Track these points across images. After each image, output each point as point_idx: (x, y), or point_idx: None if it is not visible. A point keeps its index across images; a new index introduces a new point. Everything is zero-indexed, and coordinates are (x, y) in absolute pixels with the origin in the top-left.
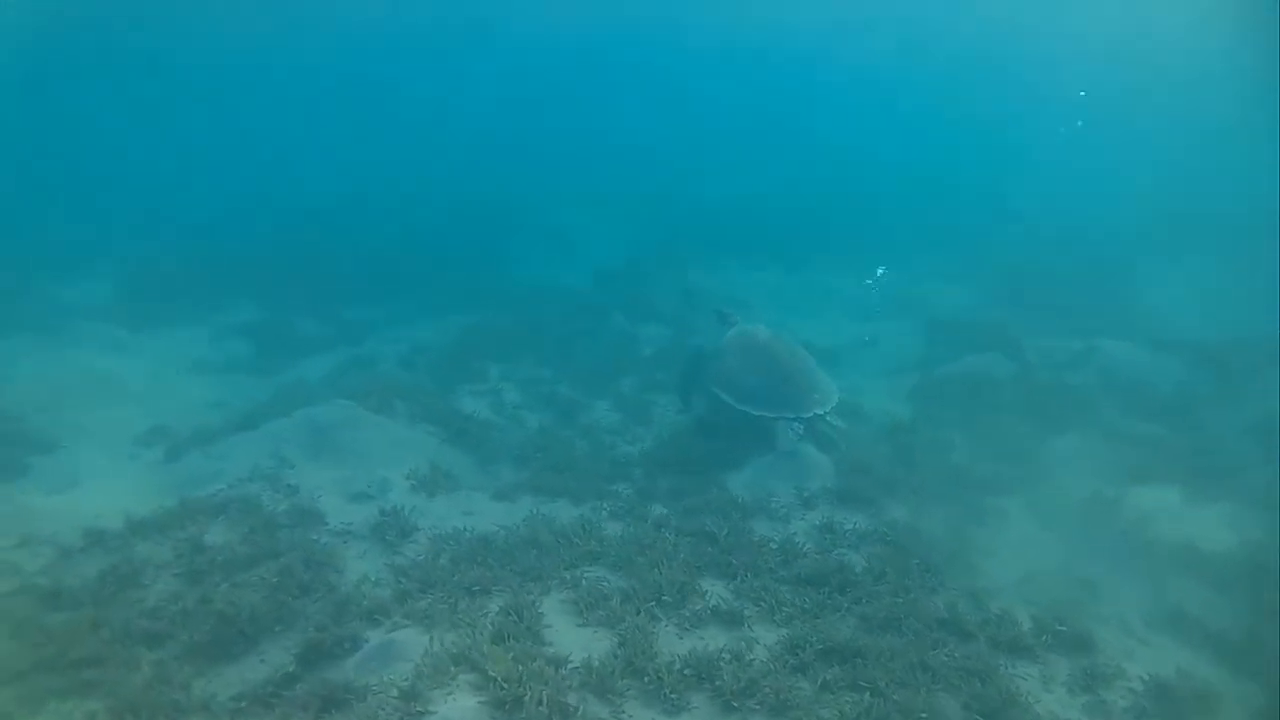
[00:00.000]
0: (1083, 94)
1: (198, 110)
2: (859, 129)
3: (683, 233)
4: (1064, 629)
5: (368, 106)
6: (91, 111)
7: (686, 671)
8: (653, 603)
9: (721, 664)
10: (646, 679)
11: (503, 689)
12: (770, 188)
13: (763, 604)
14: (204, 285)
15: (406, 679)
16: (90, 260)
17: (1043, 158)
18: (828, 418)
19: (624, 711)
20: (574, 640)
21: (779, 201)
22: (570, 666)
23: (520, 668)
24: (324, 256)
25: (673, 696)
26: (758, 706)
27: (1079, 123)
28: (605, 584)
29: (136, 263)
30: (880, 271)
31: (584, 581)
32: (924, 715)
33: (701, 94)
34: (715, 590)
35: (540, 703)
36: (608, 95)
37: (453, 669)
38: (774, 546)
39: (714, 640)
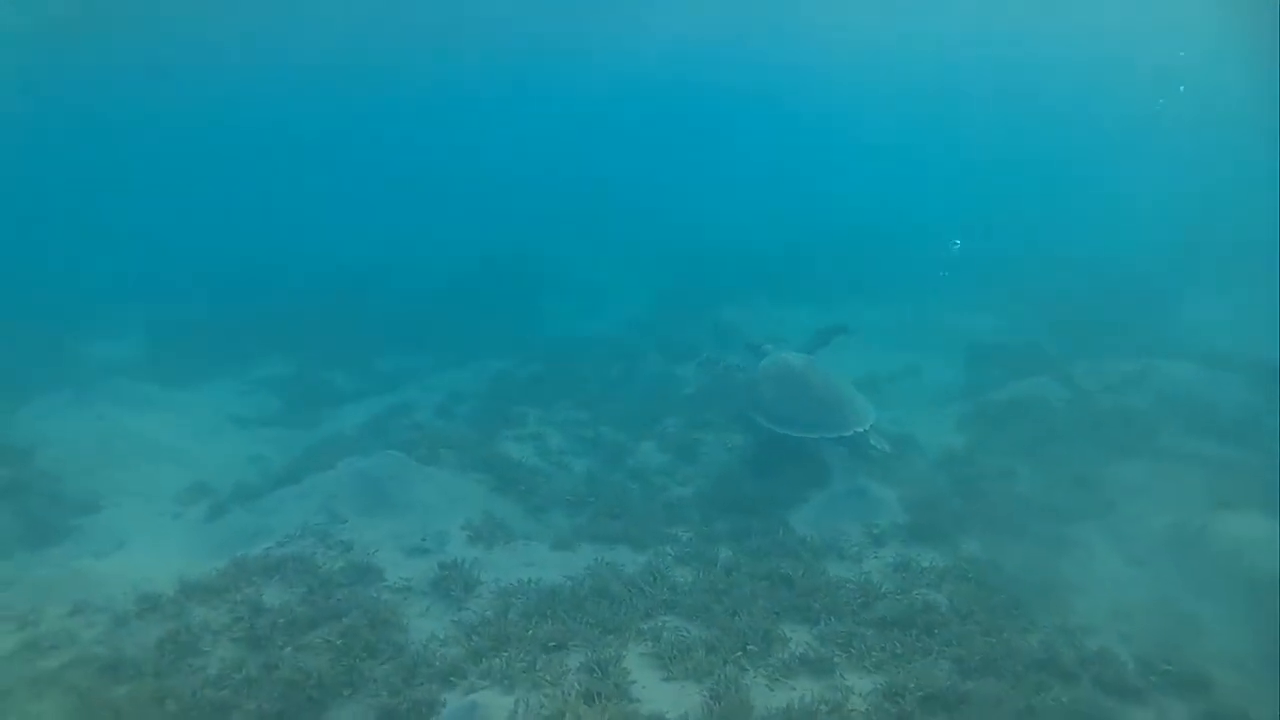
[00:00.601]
0: (1182, 89)
1: (227, 165)
2: (889, 170)
3: (715, 277)
4: (1172, 668)
5: (396, 161)
6: (121, 169)
7: None
8: (739, 652)
9: (820, 716)
10: None
11: None
12: (800, 232)
13: (851, 649)
14: (233, 339)
15: None
16: (119, 317)
17: (1069, 181)
18: (869, 438)
19: None
20: (663, 696)
21: (809, 244)
22: None
23: None
24: (352, 308)
25: None
26: None
27: (1160, 101)
28: (685, 634)
29: (165, 318)
30: (957, 244)
31: (664, 633)
32: None
33: (732, 143)
34: (798, 636)
35: None
36: (638, 150)
37: None
38: (852, 587)
39: (807, 690)
